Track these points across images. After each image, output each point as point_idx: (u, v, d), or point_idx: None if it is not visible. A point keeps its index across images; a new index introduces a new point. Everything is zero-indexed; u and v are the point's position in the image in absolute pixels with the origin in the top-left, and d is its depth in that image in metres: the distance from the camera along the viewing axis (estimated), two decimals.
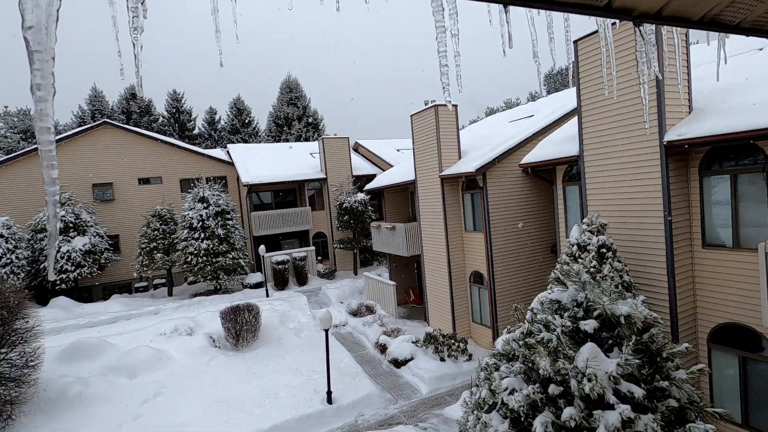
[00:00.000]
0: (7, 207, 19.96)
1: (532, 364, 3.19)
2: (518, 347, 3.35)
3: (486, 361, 3.62)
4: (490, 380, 3.46)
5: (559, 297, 3.32)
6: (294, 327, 14.94)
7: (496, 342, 3.87)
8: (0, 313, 9.46)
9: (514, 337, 3.51)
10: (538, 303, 3.49)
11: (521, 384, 3.15)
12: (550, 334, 3.08)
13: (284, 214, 22.73)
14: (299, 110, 49.04)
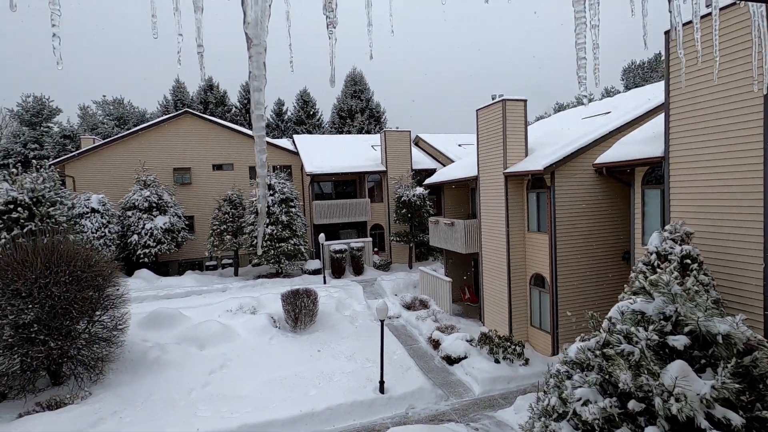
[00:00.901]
0: (102, 186, 22.32)
1: (609, 376, 2.99)
2: (594, 357, 3.17)
3: (557, 368, 3.47)
4: (560, 388, 3.31)
5: (644, 308, 3.07)
6: (349, 315, 15.32)
7: (569, 349, 3.70)
8: (96, 280, 10.63)
9: (589, 346, 3.31)
10: (617, 312, 3.26)
11: (596, 396, 2.97)
12: (632, 346, 2.86)
13: (344, 205, 23.27)
14: (362, 103, 49.73)
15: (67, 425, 8.61)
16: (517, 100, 12.95)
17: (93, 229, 19.01)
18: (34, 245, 10.11)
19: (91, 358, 10.40)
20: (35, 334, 9.40)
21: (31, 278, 9.42)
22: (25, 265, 9.52)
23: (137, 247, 20.43)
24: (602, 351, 3.09)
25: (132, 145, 23.59)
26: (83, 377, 10.34)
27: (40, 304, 9.40)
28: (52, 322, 9.61)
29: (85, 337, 10.34)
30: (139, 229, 20.51)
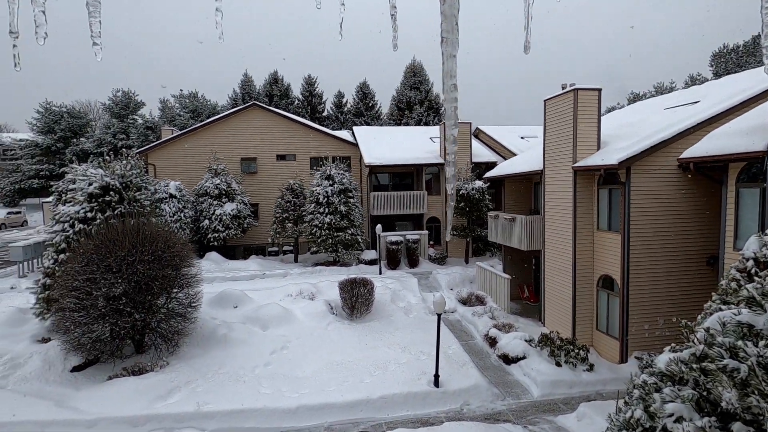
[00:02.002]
0: (179, 174, 24.13)
1: (708, 393, 2.71)
2: (689, 371, 2.88)
3: (643, 379, 3.21)
4: (646, 401, 3.06)
5: (753, 320, 2.73)
6: (404, 306, 15.39)
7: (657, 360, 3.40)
8: (174, 260, 11.54)
9: (682, 358, 3.02)
10: (717, 323, 2.93)
11: (691, 413, 2.70)
12: (737, 362, 2.55)
13: (401, 197, 23.30)
14: (421, 94, 49.29)
15: (149, 390, 9.49)
16: (591, 89, 12.13)
17: (170, 213, 20.64)
18: (123, 226, 11.17)
19: (168, 331, 11.36)
20: (123, 306, 10.43)
21: (120, 255, 10.43)
22: (116, 244, 10.56)
23: (208, 231, 21.91)
24: (699, 365, 2.80)
25: (205, 135, 25.23)
26: (162, 348, 11.34)
27: (127, 280, 10.39)
28: (137, 296, 10.60)
29: (164, 312, 11.30)
30: (210, 215, 21.96)
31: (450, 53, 0.99)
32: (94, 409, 8.94)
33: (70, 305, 10.14)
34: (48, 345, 11.27)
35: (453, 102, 1.03)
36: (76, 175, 12.87)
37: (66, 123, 47.84)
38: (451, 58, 1.00)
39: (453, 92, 1.02)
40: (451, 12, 0.96)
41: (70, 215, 11.96)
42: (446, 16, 0.98)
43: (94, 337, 10.37)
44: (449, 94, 1.04)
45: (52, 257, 12.00)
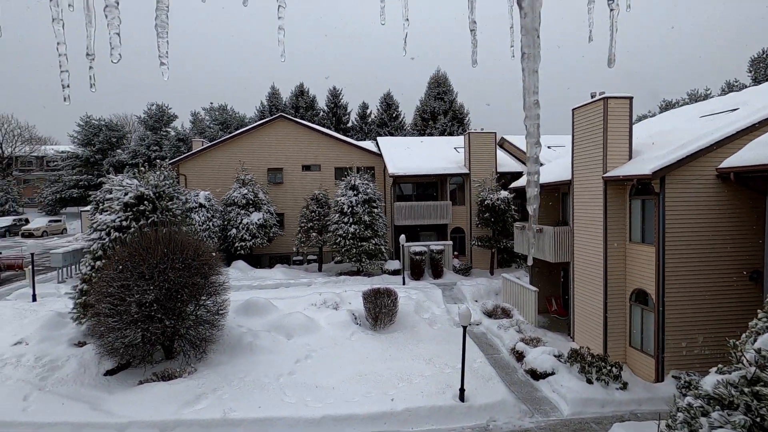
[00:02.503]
0: (208, 184, 24.85)
1: (762, 420, 2.53)
2: (739, 394, 2.70)
3: (688, 401, 3.03)
4: (692, 425, 2.88)
5: None
6: (428, 318, 15.22)
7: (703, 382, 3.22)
8: (203, 268, 11.82)
9: (731, 381, 2.84)
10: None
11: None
12: None
13: (425, 207, 23.22)
14: (445, 104, 49.30)
15: (178, 395, 9.68)
16: (621, 97, 11.83)
17: (200, 222, 21.23)
18: (155, 235, 11.55)
19: (196, 338, 11.59)
20: (154, 312, 10.73)
21: (152, 263, 10.76)
22: (149, 252, 10.91)
23: (235, 240, 22.39)
24: (751, 388, 2.62)
25: (233, 147, 25.94)
26: (190, 354, 11.57)
27: (159, 287, 10.70)
28: (167, 303, 10.89)
29: (192, 319, 11.56)
30: (237, 224, 22.46)
31: (531, 68, 0.98)
32: (126, 412, 9.18)
33: (105, 310, 10.51)
34: (84, 349, 11.70)
35: (535, 119, 1.01)
36: (113, 185, 13.45)
37: (104, 135, 50.17)
38: (532, 73, 0.99)
39: (535, 109, 1.00)
40: (532, 26, 0.95)
41: (106, 224, 12.47)
42: (527, 30, 0.97)
43: (127, 342, 10.70)
44: (531, 111, 1.02)
45: (89, 264, 12.50)
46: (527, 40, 0.96)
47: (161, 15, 1.28)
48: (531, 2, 0.92)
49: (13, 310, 15.36)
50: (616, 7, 1.34)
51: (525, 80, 0.96)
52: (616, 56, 1.52)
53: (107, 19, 1.14)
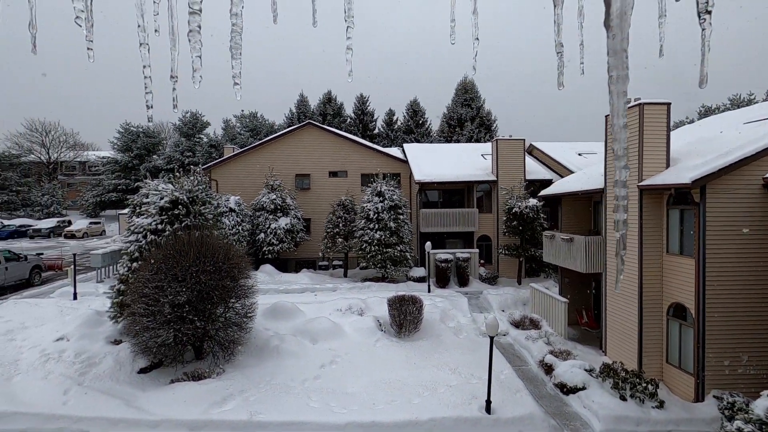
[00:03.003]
0: (238, 189, 25.50)
1: None
2: None
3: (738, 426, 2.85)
4: None
5: None
6: (453, 326, 15.03)
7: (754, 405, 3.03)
8: (233, 271, 12.11)
9: None
10: None
11: None
12: None
13: (451, 214, 23.03)
14: (473, 111, 48.95)
15: (207, 396, 9.91)
16: (658, 103, 11.43)
17: (230, 226, 21.78)
18: (188, 238, 11.93)
19: (225, 340, 11.85)
20: (186, 313, 11.04)
21: (185, 266, 11.11)
22: (182, 255, 11.27)
23: (263, 244, 22.84)
24: None
25: (262, 153, 26.57)
26: (219, 355, 11.83)
27: (191, 289, 11.02)
28: (198, 304, 11.20)
29: (222, 321, 11.83)
30: (266, 228, 22.91)
31: (620, 90, 0.97)
32: (158, 410, 9.46)
33: (140, 310, 10.91)
34: (119, 347, 12.16)
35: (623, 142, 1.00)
36: (149, 189, 14.01)
37: (142, 142, 52.39)
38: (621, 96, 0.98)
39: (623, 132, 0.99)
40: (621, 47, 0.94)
41: (143, 226, 12.98)
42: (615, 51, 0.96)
43: (160, 342, 11.04)
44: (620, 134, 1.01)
45: (126, 265, 13.03)
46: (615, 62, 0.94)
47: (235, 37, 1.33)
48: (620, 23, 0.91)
49: (55, 307, 16.16)
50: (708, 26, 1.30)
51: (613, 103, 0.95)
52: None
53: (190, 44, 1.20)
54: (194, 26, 1.17)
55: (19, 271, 21.33)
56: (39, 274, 22.48)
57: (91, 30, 1.50)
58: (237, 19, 1.24)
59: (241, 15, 1.30)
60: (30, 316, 15.15)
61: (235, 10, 1.24)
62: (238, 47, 1.32)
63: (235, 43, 1.26)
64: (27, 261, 21.83)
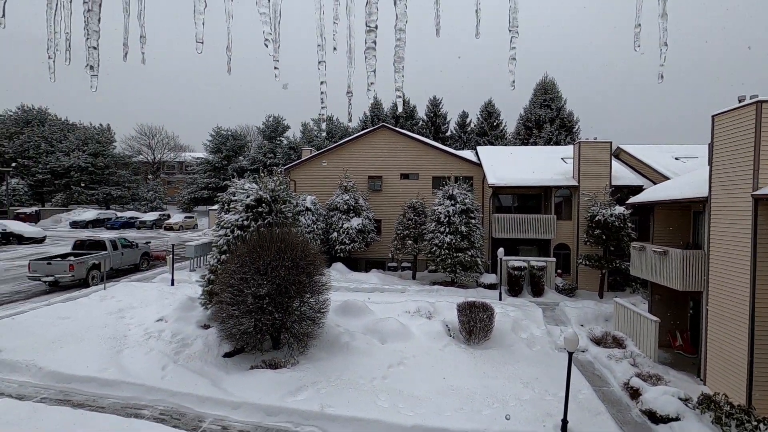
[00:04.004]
0: (314, 189, 26.70)
1: None
2: None
3: None
4: None
5: None
6: (526, 338, 14.36)
7: None
8: (308, 267, 12.69)
9: None
10: None
11: None
12: None
13: (526, 220, 22.04)
14: (552, 112, 46.49)
15: (282, 384, 10.50)
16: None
17: (306, 224, 22.89)
18: (270, 234, 12.73)
19: (300, 333, 12.45)
20: (266, 305, 11.79)
21: (267, 260, 11.87)
22: (264, 250, 12.06)
23: (335, 243, 23.67)
24: None
25: (337, 155, 27.54)
26: (294, 347, 12.47)
27: (271, 282, 11.75)
28: (277, 297, 11.90)
29: (297, 314, 12.45)
30: (338, 228, 23.72)
31: None
32: (239, 393, 10.21)
33: (226, 299, 11.86)
34: (208, 331, 13.33)
35: None
36: (236, 188, 15.19)
37: (230, 144, 57.05)
38: None
39: None
40: None
41: (231, 222, 14.11)
42: None
43: (242, 329, 11.91)
44: None
45: (216, 257, 14.25)
46: None
47: (399, 51, 1.42)
48: None
49: (157, 291, 18.17)
50: None
51: None
52: None
53: (366, 60, 1.29)
54: (370, 43, 1.24)
55: (132, 257, 24.41)
56: (147, 260, 25.53)
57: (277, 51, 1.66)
58: (401, 34, 1.27)
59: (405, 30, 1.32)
60: (136, 298, 17.21)
61: (400, 25, 1.27)
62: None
63: (398, 57, 1.31)
64: (138, 248, 25.04)
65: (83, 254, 21.66)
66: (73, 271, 19.40)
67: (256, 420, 9.49)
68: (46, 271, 19.28)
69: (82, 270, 20.02)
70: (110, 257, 22.31)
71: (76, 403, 9.97)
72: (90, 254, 21.64)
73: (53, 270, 19.29)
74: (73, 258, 20.48)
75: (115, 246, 23.10)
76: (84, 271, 20.17)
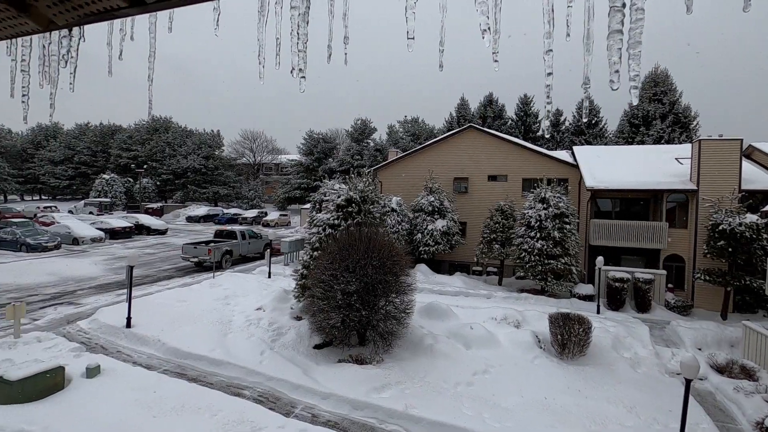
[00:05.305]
0: (399, 190, 27.04)
1: None
2: None
3: None
4: None
5: None
6: (629, 358, 12.98)
7: None
8: (395, 268, 12.86)
9: None
10: None
11: None
12: None
13: (631, 227, 19.96)
14: (664, 107, 41.57)
15: (368, 380, 10.78)
16: None
17: (391, 225, 23.26)
18: (359, 234, 13.16)
19: (385, 331, 12.67)
20: (353, 302, 12.21)
21: (355, 258, 12.28)
22: (354, 248, 12.50)
23: (419, 244, 23.70)
24: None
25: (423, 156, 27.57)
26: (379, 345, 12.73)
27: (359, 280, 12.13)
28: (364, 295, 12.25)
29: (383, 313, 12.68)
30: (423, 229, 23.73)
31: None
32: (328, 384, 10.70)
33: (317, 294, 12.51)
34: (300, 323, 14.20)
35: None
36: (327, 189, 15.96)
37: (321, 147, 60.32)
38: None
39: None
40: None
41: (323, 221, 14.86)
42: None
43: (331, 324, 12.47)
44: None
45: (309, 253, 15.11)
46: None
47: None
48: None
49: (256, 282, 19.85)
50: None
51: None
52: None
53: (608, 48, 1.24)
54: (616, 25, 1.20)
55: (257, 246, 28.49)
56: (269, 250, 28.27)
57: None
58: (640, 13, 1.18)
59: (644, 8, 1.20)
60: (240, 287, 18.97)
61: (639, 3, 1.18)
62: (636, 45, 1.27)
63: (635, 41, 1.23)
64: (262, 239, 29.03)
65: (220, 242, 26.46)
66: (210, 254, 23.32)
67: (343, 412, 9.85)
68: (193, 253, 23.94)
69: (217, 254, 24.17)
70: (240, 245, 27.04)
71: (190, 378, 11.28)
72: (224, 242, 26.38)
73: (198, 253, 23.92)
74: (212, 244, 25.13)
75: (244, 236, 27.77)
76: (219, 255, 24.50)
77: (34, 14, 1.17)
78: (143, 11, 1.20)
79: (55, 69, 1.50)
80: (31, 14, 1.17)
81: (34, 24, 1.21)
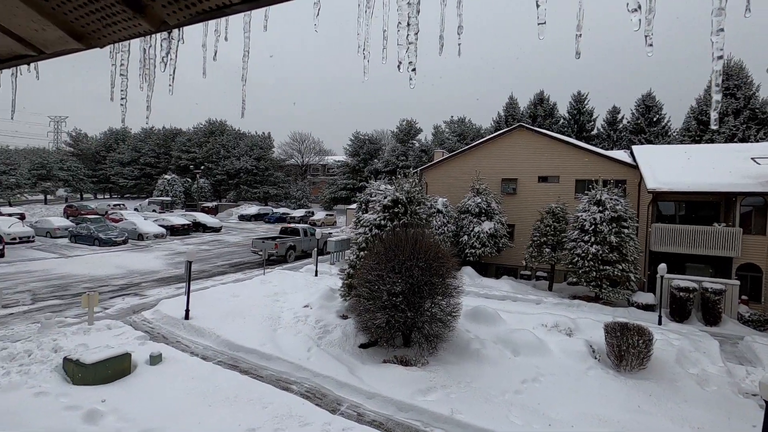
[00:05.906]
0: (445, 191, 26.72)
1: None
2: None
3: None
4: None
5: None
6: (696, 374, 12.00)
7: None
8: (441, 269, 12.72)
9: None
10: None
11: None
12: None
13: (698, 232, 18.48)
14: (738, 102, 38.17)
15: (413, 382, 10.73)
16: None
17: (437, 226, 23.04)
18: (405, 235, 13.14)
19: (430, 334, 12.56)
20: (399, 303, 12.20)
21: (401, 259, 12.27)
22: (400, 249, 12.49)
23: (465, 246, 23.30)
24: None
25: (469, 157, 27.07)
26: (424, 346, 12.63)
27: (405, 281, 12.10)
28: (410, 296, 12.21)
29: (428, 315, 12.58)
30: (469, 231, 23.30)
31: None
32: (373, 384, 10.76)
33: (363, 293, 12.63)
34: (346, 321, 14.40)
35: None
36: (373, 189, 16.08)
37: (367, 148, 60.97)
38: None
39: None
40: None
41: (370, 221, 15.00)
42: None
43: (376, 324, 12.54)
44: None
45: (355, 253, 15.30)
46: None
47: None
48: None
49: (303, 280, 20.40)
50: None
51: None
52: None
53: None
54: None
55: (314, 242, 29.36)
56: (315, 248, 29.36)
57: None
58: None
59: None
60: (288, 284, 19.57)
61: None
62: None
63: None
64: (315, 237, 29.74)
65: (285, 238, 28.84)
66: (276, 249, 25.90)
67: (388, 413, 9.87)
68: (262, 247, 25.33)
69: (282, 249, 26.93)
70: (302, 241, 29.38)
71: (242, 370, 11.76)
72: (288, 237, 28.96)
73: (266, 247, 25.59)
74: (279, 239, 27.69)
75: (306, 233, 30.31)
76: (284, 250, 27.16)
77: (149, 15, 1.23)
78: (253, 6, 1.23)
79: (152, 72, 1.59)
80: (146, 15, 1.23)
81: (147, 25, 1.27)
